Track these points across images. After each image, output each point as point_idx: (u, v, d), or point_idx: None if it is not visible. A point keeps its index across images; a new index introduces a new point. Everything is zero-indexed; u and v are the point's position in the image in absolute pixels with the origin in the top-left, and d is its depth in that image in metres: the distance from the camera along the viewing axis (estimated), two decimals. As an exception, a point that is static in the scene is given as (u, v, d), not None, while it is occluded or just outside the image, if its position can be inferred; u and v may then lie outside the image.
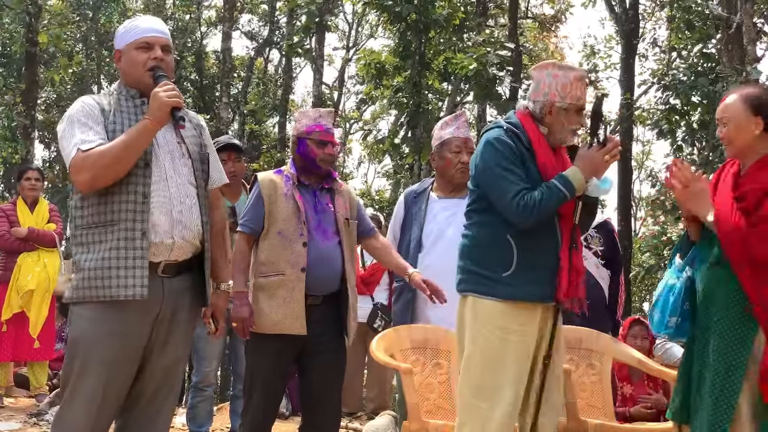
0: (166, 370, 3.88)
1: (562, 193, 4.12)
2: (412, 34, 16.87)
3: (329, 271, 4.96)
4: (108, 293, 3.64)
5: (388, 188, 28.81)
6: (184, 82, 26.24)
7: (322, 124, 5.07)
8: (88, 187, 3.66)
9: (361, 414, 8.84)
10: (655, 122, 17.04)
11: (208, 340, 6.17)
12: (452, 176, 5.70)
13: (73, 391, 3.70)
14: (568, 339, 5.52)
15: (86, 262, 3.69)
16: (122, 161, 3.64)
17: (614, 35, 23.61)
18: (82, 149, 3.62)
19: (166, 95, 3.68)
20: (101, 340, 3.67)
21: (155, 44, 3.87)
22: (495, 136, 4.23)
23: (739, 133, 4.13)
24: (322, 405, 4.99)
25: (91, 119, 3.72)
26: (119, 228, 3.68)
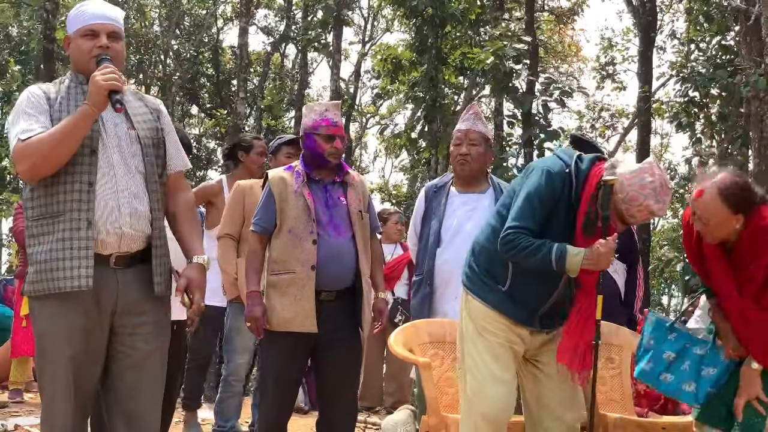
0: (140, 361, 3.77)
1: (549, 259, 4.09)
2: (429, 28, 16.84)
3: (341, 268, 4.94)
4: (56, 285, 3.58)
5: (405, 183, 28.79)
6: (201, 77, 26.29)
7: (329, 117, 5.04)
8: (29, 176, 3.61)
9: (379, 408, 8.84)
10: (674, 115, 16.94)
11: (240, 332, 6.14)
12: (454, 168, 5.72)
13: (51, 389, 3.67)
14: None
15: (37, 254, 3.64)
16: (60, 148, 3.55)
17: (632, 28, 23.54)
18: (22, 138, 3.55)
19: (103, 78, 3.57)
20: (62, 335, 3.62)
21: (101, 32, 3.76)
22: (553, 170, 4.20)
23: (721, 228, 4.11)
24: (338, 400, 4.99)
25: (34, 108, 3.65)
26: (65, 218, 3.61)
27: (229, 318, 6.24)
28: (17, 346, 8.22)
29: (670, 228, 24.37)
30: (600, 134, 26.28)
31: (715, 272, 4.29)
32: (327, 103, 5.24)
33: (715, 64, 15.45)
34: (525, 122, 15.39)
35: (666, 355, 4.48)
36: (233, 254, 6.13)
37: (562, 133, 16.28)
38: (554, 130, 15.41)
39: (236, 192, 6.21)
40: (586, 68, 28.74)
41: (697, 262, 4.42)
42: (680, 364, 4.44)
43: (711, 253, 4.27)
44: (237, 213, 6.14)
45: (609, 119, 27.17)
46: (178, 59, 26.02)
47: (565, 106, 15.95)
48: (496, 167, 14.48)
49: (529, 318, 4.37)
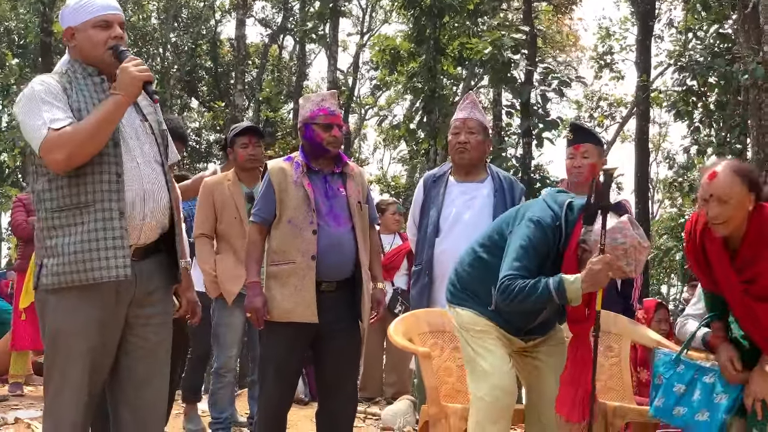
0: (148, 352, 3.80)
1: (548, 293, 4.12)
2: (427, 19, 16.83)
3: (341, 258, 4.94)
4: (91, 276, 3.56)
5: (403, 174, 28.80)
6: (199, 69, 26.27)
7: (326, 107, 5.04)
8: (63, 166, 3.55)
9: (380, 399, 8.84)
10: (672, 104, 16.93)
11: (228, 326, 6.21)
12: (453, 157, 5.71)
13: (61, 382, 3.65)
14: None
15: (63, 246, 3.60)
16: (97, 137, 3.55)
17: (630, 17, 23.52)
18: (54, 128, 3.52)
19: (137, 70, 3.60)
20: (81, 330, 3.61)
21: (114, 22, 3.76)
22: (544, 222, 4.27)
23: (740, 211, 4.07)
24: (338, 390, 4.99)
25: (55, 98, 3.62)
26: (96, 209, 3.59)
27: (215, 313, 6.27)
28: (17, 339, 8.22)
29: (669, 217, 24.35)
30: (598, 124, 26.27)
31: (721, 275, 4.24)
32: (323, 93, 5.24)
33: (713, 52, 15.45)
34: (523, 112, 15.40)
35: (676, 388, 4.49)
36: (210, 253, 6.19)
37: (561, 122, 16.26)
38: (553, 119, 15.42)
39: (204, 191, 6.25)
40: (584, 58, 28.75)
41: (703, 271, 4.36)
42: (691, 394, 4.44)
43: (715, 256, 4.23)
44: (208, 211, 6.20)
45: (607, 109, 27.21)
46: (176, 52, 26.01)
47: (563, 96, 15.98)
48: (494, 157, 14.49)
49: (516, 333, 4.49)
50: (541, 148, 15.60)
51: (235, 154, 6.38)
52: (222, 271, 6.13)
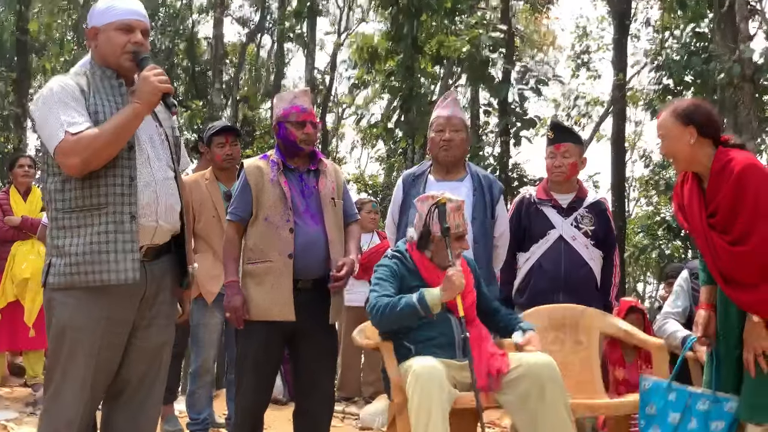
0: (152, 354, 3.85)
1: (411, 304, 4.61)
2: (404, 17, 16.81)
3: (318, 256, 4.93)
4: (99, 278, 3.60)
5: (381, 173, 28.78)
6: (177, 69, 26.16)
7: (298, 104, 5.04)
8: (79, 170, 3.58)
9: (358, 399, 8.85)
10: (648, 102, 17.04)
11: (206, 326, 6.21)
12: (436, 155, 5.71)
13: (62, 379, 3.66)
14: (551, 318, 5.55)
15: (72, 246, 3.62)
16: (114, 144, 3.59)
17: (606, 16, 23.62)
18: (72, 132, 3.55)
19: (158, 80, 3.65)
20: (88, 327, 3.63)
21: (137, 28, 3.81)
22: (383, 262, 4.94)
23: (676, 144, 4.34)
24: (314, 390, 4.98)
25: (73, 100, 3.64)
26: (108, 211, 3.63)
27: (194, 313, 6.26)
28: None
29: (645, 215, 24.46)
30: (575, 122, 26.38)
31: (690, 211, 4.38)
32: (295, 90, 5.23)
33: (690, 51, 15.52)
34: (501, 111, 15.44)
35: (671, 418, 4.51)
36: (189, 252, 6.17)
37: (539, 121, 16.29)
38: (530, 118, 15.46)
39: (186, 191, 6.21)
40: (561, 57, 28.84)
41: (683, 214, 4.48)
42: (687, 422, 4.46)
43: (688, 193, 4.40)
44: (189, 213, 6.16)
45: (584, 107, 27.29)
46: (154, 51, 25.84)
47: (540, 95, 16.00)
48: (472, 156, 14.52)
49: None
50: (519, 147, 15.64)
51: (212, 154, 6.38)
52: (201, 270, 6.11)
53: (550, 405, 4.48)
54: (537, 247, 5.90)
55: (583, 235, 5.89)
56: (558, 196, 5.97)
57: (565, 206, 5.93)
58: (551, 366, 4.56)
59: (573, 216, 5.90)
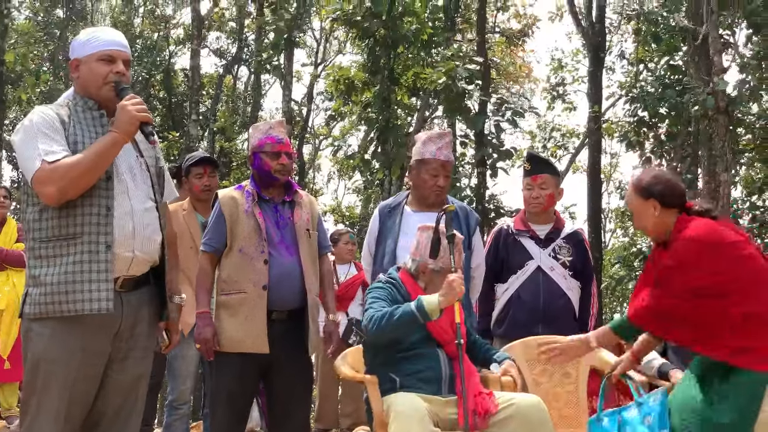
0: (128, 386, 3.83)
1: (409, 312, 4.57)
2: (381, 49, 16.90)
3: (292, 287, 4.94)
4: (73, 308, 3.58)
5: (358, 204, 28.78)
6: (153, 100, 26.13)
7: (273, 135, 5.05)
8: (55, 199, 3.58)
9: (336, 430, 8.80)
10: (624, 134, 17.12)
11: (183, 358, 6.16)
12: (427, 197, 5.69)
13: (37, 412, 3.63)
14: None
15: (47, 276, 3.61)
16: (91, 173, 3.59)
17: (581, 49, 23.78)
18: (48, 161, 3.55)
19: (135, 109, 3.66)
20: (63, 358, 3.61)
21: (118, 58, 3.83)
22: (377, 285, 4.92)
23: (642, 217, 4.49)
24: (288, 421, 4.96)
25: (52, 130, 3.65)
26: (83, 241, 3.62)
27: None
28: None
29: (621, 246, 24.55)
30: (551, 154, 26.48)
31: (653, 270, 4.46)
32: (271, 121, 5.26)
33: (664, 83, 15.64)
34: (478, 142, 15.50)
35: None
36: None
37: (515, 152, 16.37)
38: (507, 150, 15.53)
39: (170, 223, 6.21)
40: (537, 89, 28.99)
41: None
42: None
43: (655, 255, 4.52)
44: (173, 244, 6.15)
45: (560, 139, 27.42)
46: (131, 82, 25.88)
47: (517, 127, 16.11)
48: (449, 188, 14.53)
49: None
50: (496, 178, 15.71)
51: (190, 184, 6.37)
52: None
53: None
54: (515, 278, 5.91)
55: (561, 266, 5.91)
56: (535, 226, 5.98)
57: (543, 237, 5.95)
58: (540, 407, 4.56)
59: (551, 247, 5.92)
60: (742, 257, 4.19)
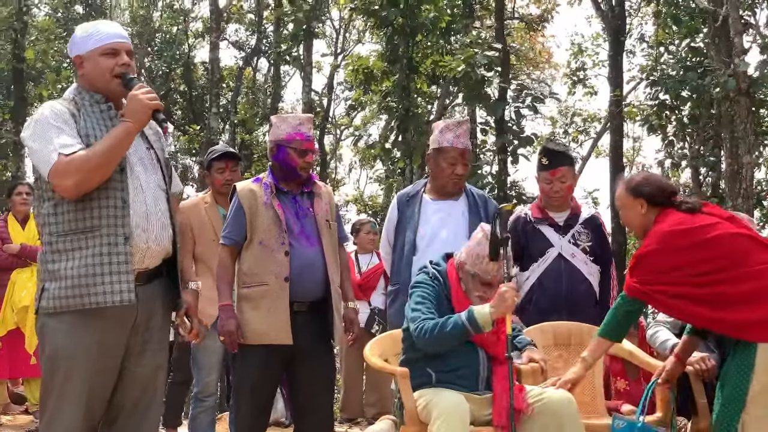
0: (146, 379, 3.84)
1: (460, 324, 4.54)
2: (400, 38, 16.86)
3: (314, 278, 4.94)
4: (95, 300, 3.60)
5: (380, 193, 28.78)
6: (174, 93, 26.21)
7: (303, 132, 5.02)
8: (73, 192, 3.60)
9: (361, 420, 8.82)
10: (645, 118, 17.03)
11: (207, 350, 6.18)
12: (445, 185, 5.69)
13: (57, 408, 3.64)
14: (557, 334, 5.54)
15: (67, 270, 3.62)
16: (107, 165, 3.61)
17: (601, 33, 23.63)
18: (65, 153, 3.56)
19: (147, 98, 3.68)
20: (82, 353, 3.62)
21: (122, 50, 3.83)
22: (419, 281, 4.85)
23: (630, 214, 4.80)
24: (312, 413, 4.96)
25: (64, 124, 3.67)
26: (101, 234, 3.64)
27: None
28: (-8, 368, 8.16)
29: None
30: (573, 139, 26.37)
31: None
32: (301, 116, 5.21)
33: (685, 66, 15.54)
34: (498, 129, 15.45)
35: None
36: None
37: (536, 139, 16.31)
38: (527, 136, 15.47)
39: (181, 213, 6.24)
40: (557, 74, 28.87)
41: None
42: None
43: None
44: (185, 234, 6.20)
45: (581, 124, 27.29)
46: (150, 77, 25.93)
47: (537, 113, 16.03)
48: (470, 175, 14.50)
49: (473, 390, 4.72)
50: (517, 165, 15.65)
51: (212, 178, 6.39)
52: (201, 294, 6.11)
53: None
54: (536, 266, 5.90)
55: (581, 252, 5.89)
56: (554, 214, 5.97)
57: (562, 224, 5.94)
58: (570, 403, 4.56)
59: (570, 233, 5.91)
60: (709, 239, 4.45)
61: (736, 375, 4.32)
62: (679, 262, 4.46)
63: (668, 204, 4.68)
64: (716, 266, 4.40)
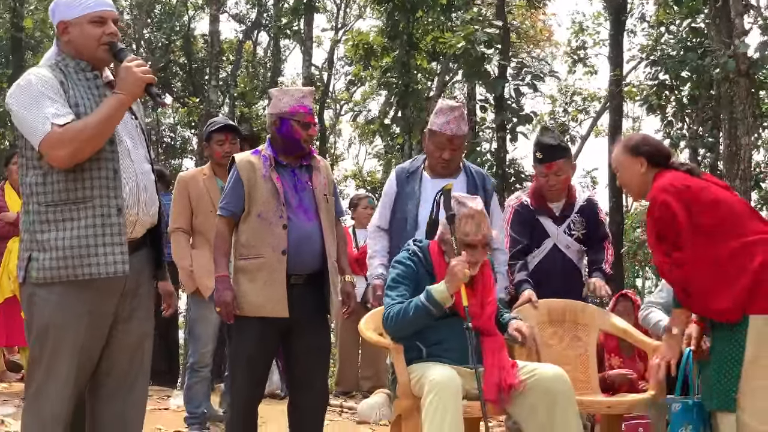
0: (134, 346, 3.86)
1: (420, 305, 4.61)
2: (400, 13, 16.81)
3: (311, 251, 4.95)
4: (88, 271, 3.60)
5: (379, 169, 28.79)
6: (173, 66, 26.16)
7: (306, 105, 5.01)
8: (66, 162, 3.58)
9: (356, 393, 8.87)
10: (645, 98, 17.02)
11: (204, 321, 6.23)
12: (434, 167, 5.70)
13: (45, 378, 3.65)
14: (551, 311, 5.57)
15: (58, 240, 3.62)
16: (100, 136, 3.60)
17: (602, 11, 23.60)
18: (59, 124, 3.55)
19: (141, 71, 3.65)
20: (71, 324, 3.63)
21: (109, 18, 3.79)
22: (398, 259, 4.90)
23: (629, 174, 4.76)
24: (308, 385, 4.99)
25: (55, 93, 3.64)
26: (94, 204, 3.64)
27: (191, 308, 6.31)
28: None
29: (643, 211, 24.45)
30: (572, 118, 26.37)
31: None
32: (304, 89, 5.19)
33: (686, 46, 15.51)
34: (497, 107, 15.44)
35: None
36: (187, 247, 6.25)
37: (535, 117, 16.31)
38: (527, 114, 15.46)
39: (179, 185, 6.32)
40: (558, 52, 28.82)
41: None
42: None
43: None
44: (184, 206, 6.27)
45: (581, 103, 27.27)
46: (150, 48, 25.87)
47: (537, 91, 16.00)
48: (469, 152, 14.52)
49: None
50: (516, 143, 15.66)
51: (212, 150, 6.41)
52: (199, 265, 6.14)
53: (560, 417, 4.51)
54: (532, 257, 5.90)
55: (575, 242, 5.91)
56: (551, 204, 5.95)
57: (558, 214, 5.93)
58: (563, 378, 4.59)
59: (566, 223, 5.91)
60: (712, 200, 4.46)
61: (728, 348, 4.34)
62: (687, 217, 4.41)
63: (666, 165, 4.67)
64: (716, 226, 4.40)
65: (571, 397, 4.57)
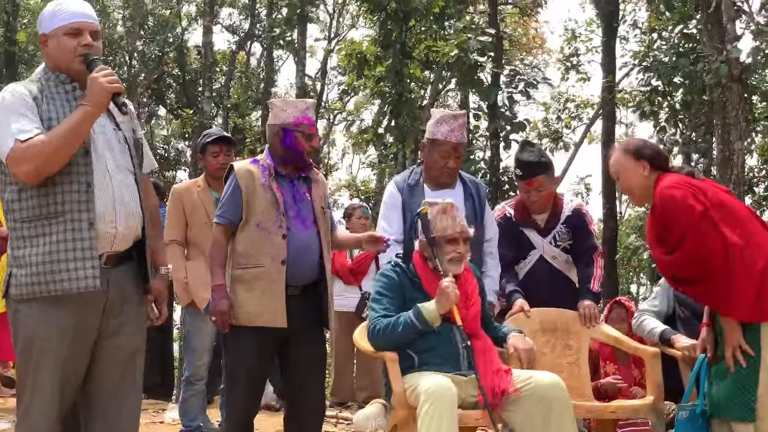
0: (124, 362, 3.80)
1: (409, 322, 4.65)
2: (393, 23, 16.86)
3: (309, 262, 4.92)
4: (60, 287, 3.57)
5: (372, 178, 28.79)
6: (167, 77, 26.17)
7: (310, 116, 5.01)
8: (32, 177, 3.55)
9: (352, 403, 8.84)
10: (638, 104, 17.05)
11: (199, 333, 6.21)
12: (437, 177, 5.66)
13: (32, 393, 3.63)
14: (543, 321, 5.57)
15: (31, 256, 3.59)
16: (65, 149, 3.54)
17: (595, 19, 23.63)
18: (21, 139, 3.51)
19: (107, 80, 3.59)
20: (53, 338, 3.60)
21: (85, 30, 3.75)
22: (384, 272, 4.93)
23: (632, 178, 4.66)
24: (305, 397, 4.96)
25: (24, 107, 3.60)
26: (65, 219, 3.59)
27: (186, 320, 6.31)
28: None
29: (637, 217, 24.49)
30: (566, 125, 26.39)
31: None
32: (307, 101, 5.20)
33: (678, 52, 15.55)
34: (491, 115, 15.48)
35: None
36: (182, 259, 6.24)
37: (528, 124, 16.33)
38: (520, 122, 15.50)
39: (174, 197, 6.33)
40: (550, 60, 28.87)
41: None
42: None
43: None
44: (179, 217, 6.27)
45: (574, 110, 27.30)
46: (143, 60, 25.91)
47: (530, 98, 16.07)
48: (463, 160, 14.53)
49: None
50: (509, 150, 15.68)
51: (206, 162, 6.41)
52: (194, 277, 6.13)
53: (556, 425, 4.49)
54: (519, 269, 5.91)
55: (562, 252, 5.91)
56: (535, 216, 5.94)
57: (543, 225, 5.92)
58: (559, 386, 4.57)
59: (551, 234, 5.90)
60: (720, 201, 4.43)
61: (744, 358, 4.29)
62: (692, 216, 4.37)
63: (666, 169, 4.63)
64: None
65: (567, 404, 4.55)
